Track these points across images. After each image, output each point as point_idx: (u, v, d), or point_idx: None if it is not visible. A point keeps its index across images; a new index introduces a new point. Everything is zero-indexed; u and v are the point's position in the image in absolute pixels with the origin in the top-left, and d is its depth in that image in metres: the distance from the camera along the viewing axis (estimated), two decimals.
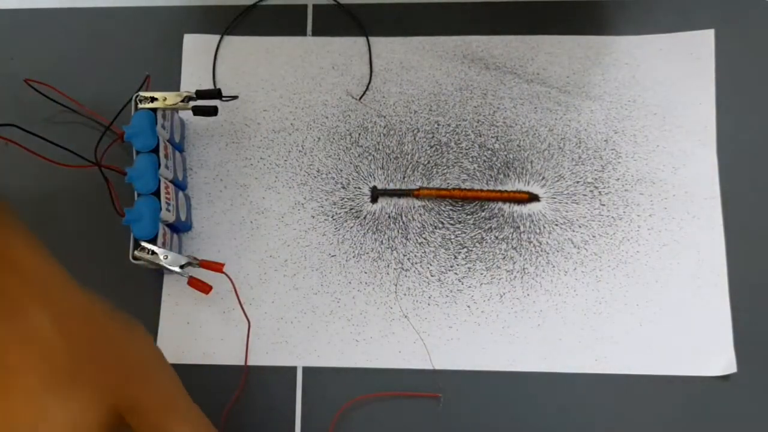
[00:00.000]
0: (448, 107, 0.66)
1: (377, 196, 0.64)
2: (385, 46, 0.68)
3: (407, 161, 0.65)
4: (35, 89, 0.64)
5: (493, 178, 0.64)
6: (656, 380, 0.59)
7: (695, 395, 0.58)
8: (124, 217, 0.56)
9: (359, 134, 0.66)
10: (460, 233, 0.63)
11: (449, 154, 0.65)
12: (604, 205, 0.63)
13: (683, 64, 0.66)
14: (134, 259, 0.56)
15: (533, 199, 0.63)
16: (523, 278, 0.61)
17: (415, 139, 0.66)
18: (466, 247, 0.62)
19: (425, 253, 0.62)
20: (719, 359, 0.59)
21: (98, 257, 0.63)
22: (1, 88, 0.67)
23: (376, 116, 0.66)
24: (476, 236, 0.63)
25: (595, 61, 0.67)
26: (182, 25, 0.69)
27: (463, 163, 0.65)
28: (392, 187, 0.64)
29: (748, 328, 0.59)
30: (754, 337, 0.59)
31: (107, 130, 0.62)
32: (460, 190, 0.63)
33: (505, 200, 0.63)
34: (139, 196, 0.58)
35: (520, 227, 0.63)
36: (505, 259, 0.62)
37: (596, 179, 0.64)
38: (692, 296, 0.60)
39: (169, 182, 0.60)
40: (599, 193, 0.63)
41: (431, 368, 0.59)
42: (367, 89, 0.67)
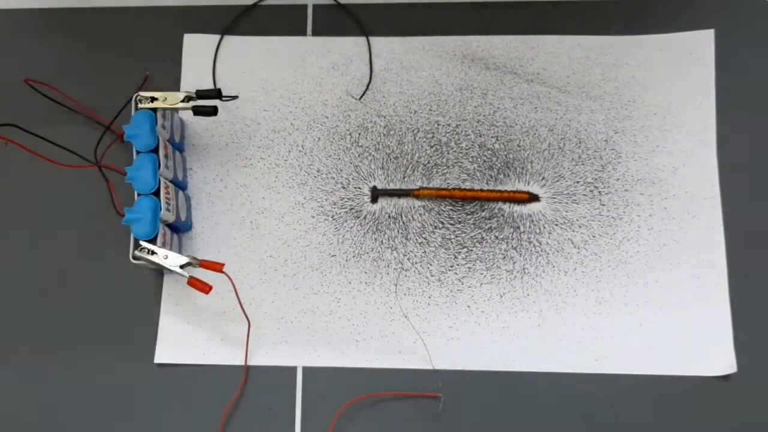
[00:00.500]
0: (448, 107, 0.66)
1: (377, 196, 0.64)
2: (385, 46, 0.68)
3: (407, 161, 0.65)
4: (35, 89, 0.64)
5: (493, 178, 0.64)
6: (656, 380, 0.59)
7: (695, 395, 0.58)
8: (124, 217, 0.56)
9: (359, 134, 0.66)
10: (460, 233, 0.63)
11: (449, 154, 0.65)
12: (604, 205, 0.63)
13: (683, 64, 0.66)
14: (134, 259, 0.56)
15: (533, 199, 0.63)
16: (523, 278, 0.61)
17: (415, 139, 0.66)
18: (466, 247, 0.62)
19: (425, 253, 0.62)
20: (719, 359, 0.59)
21: (98, 257, 0.63)
22: (1, 88, 0.67)
23: (376, 116, 0.66)
24: (476, 236, 0.63)
25: (595, 61, 0.67)
26: (182, 25, 0.69)
27: (463, 163, 0.65)
28: (392, 187, 0.64)
29: (748, 328, 0.59)
30: (754, 337, 0.59)
31: (107, 130, 0.62)
32: (460, 190, 0.63)
33: (505, 200, 0.63)
34: (139, 196, 0.58)
35: (520, 227, 0.63)
36: (505, 259, 0.62)
37: (596, 179, 0.64)
38: (692, 296, 0.60)
39: (169, 182, 0.60)
40: (599, 193, 0.63)
41: (431, 368, 0.59)
42: (367, 89, 0.67)
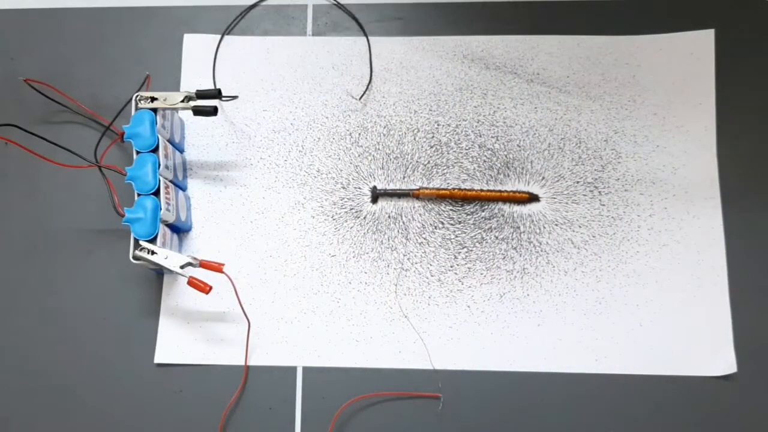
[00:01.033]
0: (448, 107, 0.66)
1: (377, 196, 0.64)
2: (385, 46, 0.68)
3: (407, 161, 0.65)
4: (35, 89, 0.64)
5: (493, 178, 0.64)
6: (656, 380, 0.59)
7: (695, 395, 0.58)
8: (124, 216, 0.56)
9: (359, 134, 0.66)
10: (460, 233, 0.63)
11: (449, 154, 0.65)
12: (604, 205, 0.63)
13: (683, 64, 0.66)
14: (134, 259, 0.56)
15: (533, 199, 0.63)
16: (523, 278, 0.61)
17: (415, 139, 0.65)
18: (466, 247, 0.62)
19: (425, 253, 0.62)
20: (719, 359, 0.59)
21: (98, 257, 0.63)
22: (1, 88, 0.67)
23: (376, 116, 0.66)
24: (476, 236, 0.63)
25: (595, 61, 0.67)
26: (182, 25, 0.69)
27: (463, 163, 0.65)
28: (392, 187, 0.64)
29: (748, 328, 0.59)
30: (754, 337, 0.59)
31: (107, 130, 0.62)
32: (460, 190, 0.63)
33: (505, 200, 0.63)
34: (139, 196, 0.58)
35: (520, 227, 0.63)
36: (505, 259, 0.62)
37: (596, 179, 0.64)
38: (692, 296, 0.60)
39: (169, 182, 0.60)
40: (599, 193, 0.63)
41: (431, 368, 0.59)
42: (367, 89, 0.67)
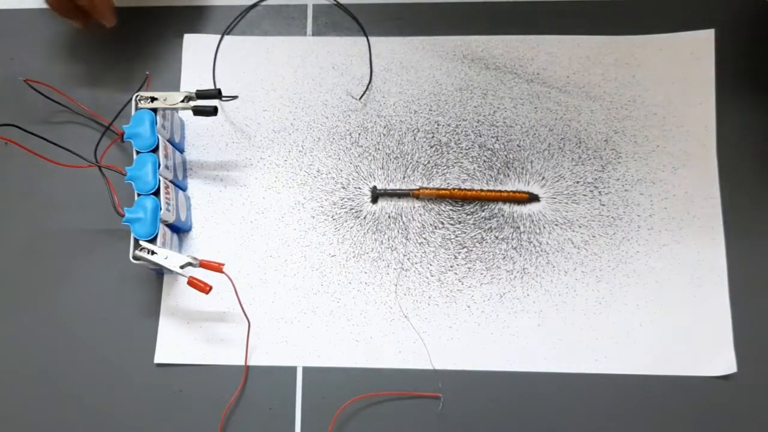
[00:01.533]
0: (448, 107, 0.66)
1: (377, 196, 0.64)
2: (385, 46, 0.68)
3: (407, 161, 0.65)
4: (35, 89, 0.64)
5: (493, 178, 0.64)
6: (656, 380, 0.59)
7: (695, 395, 0.58)
8: (124, 216, 0.56)
9: (359, 134, 0.66)
10: (460, 233, 0.63)
11: (449, 154, 0.65)
12: (604, 205, 0.63)
13: (683, 64, 0.66)
14: (134, 259, 0.56)
15: (533, 199, 0.63)
16: (523, 278, 0.61)
17: (415, 139, 0.65)
18: (466, 247, 0.62)
19: (425, 253, 0.62)
20: (719, 359, 0.59)
21: (98, 257, 0.63)
22: (1, 88, 0.67)
23: (376, 116, 0.66)
24: (476, 236, 0.63)
25: (595, 61, 0.67)
26: (182, 25, 0.69)
27: (463, 163, 0.65)
28: (392, 187, 0.64)
29: (748, 328, 0.59)
30: (754, 337, 0.59)
31: (107, 130, 0.62)
32: (460, 190, 0.63)
33: (505, 200, 0.63)
34: (139, 196, 0.58)
35: (520, 227, 0.63)
36: (505, 259, 0.62)
37: (596, 179, 0.64)
38: (692, 296, 0.60)
39: (169, 182, 0.60)
40: (599, 193, 0.63)
41: (431, 368, 0.59)
42: (367, 89, 0.67)
